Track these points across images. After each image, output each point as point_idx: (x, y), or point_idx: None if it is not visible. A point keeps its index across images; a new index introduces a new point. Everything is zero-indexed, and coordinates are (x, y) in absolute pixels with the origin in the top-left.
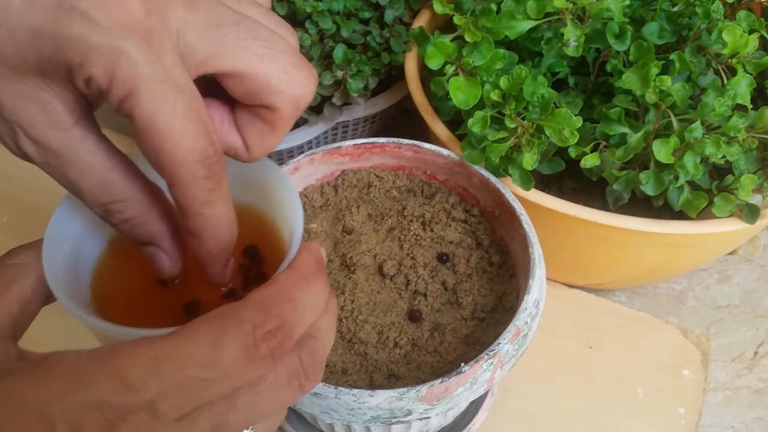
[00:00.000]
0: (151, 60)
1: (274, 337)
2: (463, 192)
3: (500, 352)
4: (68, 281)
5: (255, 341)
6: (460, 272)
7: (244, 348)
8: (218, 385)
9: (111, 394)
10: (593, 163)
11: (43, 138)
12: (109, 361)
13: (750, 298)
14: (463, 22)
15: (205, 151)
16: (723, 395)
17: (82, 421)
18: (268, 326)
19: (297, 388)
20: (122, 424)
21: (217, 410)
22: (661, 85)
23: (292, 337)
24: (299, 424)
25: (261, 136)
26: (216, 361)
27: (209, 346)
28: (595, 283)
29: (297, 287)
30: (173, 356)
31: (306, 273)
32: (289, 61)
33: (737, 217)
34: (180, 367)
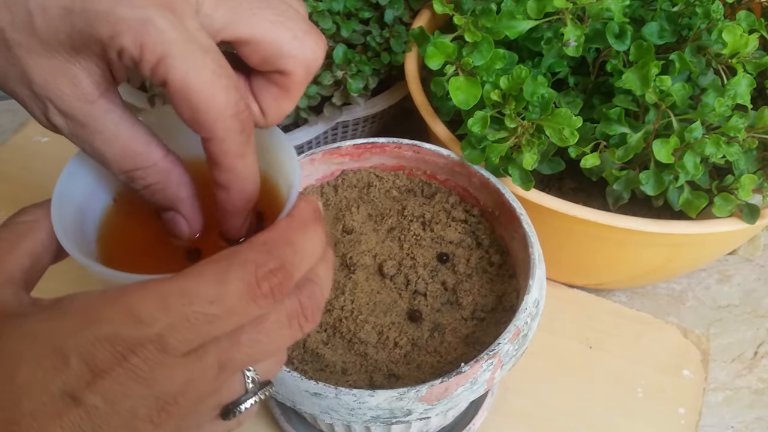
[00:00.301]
0: (176, 25)
1: (275, 276)
2: (463, 192)
3: (500, 352)
4: (76, 235)
5: (257, 279)
6: (460, 272)
7: (248, 286)
8: (223, 321)
9: (121, 328)
10: (593, 163)
11: (70, 110)
12: (119, 298)
13: (750, 298)
14: (463, 22)
15: (238, 105)
16: (723, 395)
17: (94, 353)
18: (269, 266)
19: (297, 328)
20: (132, 356)
21: (223, 347)
22: (661, 85)
23: (292, 277)
24: (299, 424)
25: (276, 102)
26: (221, 297)
27: (214, 283)
28: (595, 283)
29: (296, 232)
30: (181, 293)
31: (304, 220)
32: (299, 28)
33: (737, 217)
34: (187, 303)
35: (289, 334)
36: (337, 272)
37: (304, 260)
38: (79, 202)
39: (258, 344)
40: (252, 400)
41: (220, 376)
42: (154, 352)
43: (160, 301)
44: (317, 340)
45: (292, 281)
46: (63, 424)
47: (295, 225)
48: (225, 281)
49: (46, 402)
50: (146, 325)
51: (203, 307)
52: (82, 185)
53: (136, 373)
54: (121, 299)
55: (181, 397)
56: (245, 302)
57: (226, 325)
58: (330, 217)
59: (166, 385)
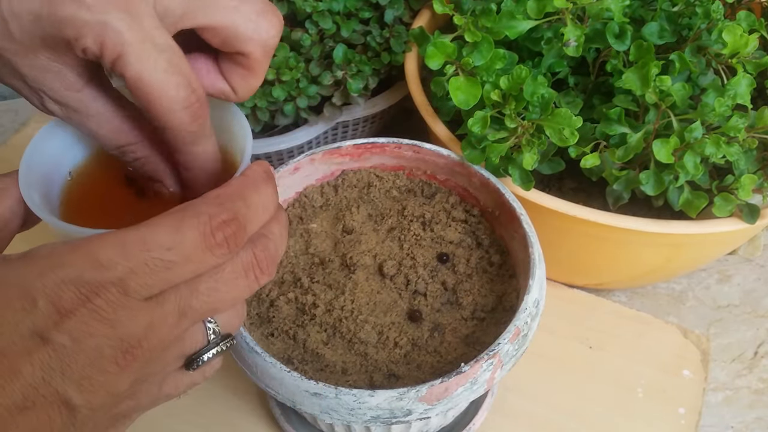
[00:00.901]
0: (132, 27)
1: (228, 227)
2: (463, 192)
3: (500, 352)
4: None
5: (211, 229)
6: (460, 272)
7: (202, 235)
8: (181, 267)
9: (84, 271)
10: (593, 163)
11: (62, 99)
12: (82, 245)
13: (750, 298)
14: (463, 22)
15: (188, 99)
16: (723, 395)
17: (60, 295)
18: (222, 217)
19: (253, 279)
20: (95, 297)
21: (182, 294)
22: (661, 85)
23: (244, 229)
24: (299, 424)
25: (243, 80)
26: (177, 244)
27: (171, 232)
28: (595, 283)
29: (248, 189)
30: (139, 241)
31: (256, 179)
32: (253, 10)
33: (737, 217)
34: (145, 249)
35: (245, 284)
36: (337, 272)
37: (257, 215)
38: (43, 173)
39: (216, 293)
40: (213, 351)
41: (181, 323)
42: (116, 294)
43: (120, 248)
44: (317, 340)
45: (244, 233)
46: (33, 361)
47: (248, 182)
48: (180, 230)
49: (17, 341)
50: (107, 269)
51: (161, 253)
52: (47, 157)
53: (100, 313)
54: (84, 246)
55: (145, 341)
56: (201, 250)
57: (184, 271)
58: (330, 217)
59: (129, 327)
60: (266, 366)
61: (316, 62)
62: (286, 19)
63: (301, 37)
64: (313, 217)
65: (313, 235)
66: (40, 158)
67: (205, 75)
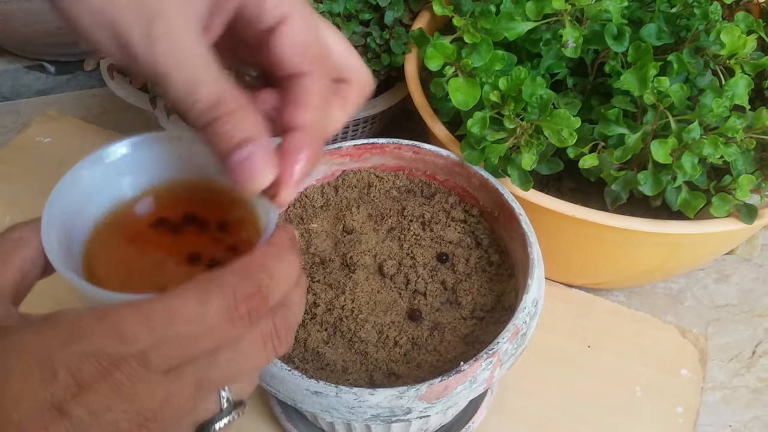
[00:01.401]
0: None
1: (252, 300)
2: (463, 192)
3: (499, 351)
4: (64, 253)
5: (235, 302)
6: (460, 272)
7: (226, 308)
8: (203, 340)
9: (107, 344)
10: (592, 163)
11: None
12: (107, 315)
13: (748, 298)
14: (462, 23)
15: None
16: (721, 394)
17: (81, 368)
18: (247, 290)
19: (271, 350)
20: (116, 371)
21: (200, 366)
22: (659, 86)
23: (267, 301)
24: (300, 422)
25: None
26: (202, 318)
27: (196, 305)
28: (593, 282)
29: (273, 259)
30: (164, 313)
31: (281, 248)
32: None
33: (735, 217)
34: (170, 323)
35: (263, 355)
36: (338, 272)
37: (279, 286)
38: (66, 222)
39: (234, 364)
40: (226, 420)
41: (197, 395)
42: (137, 368)
43: (145, 320)
44: (318, 339)
45: (267, 305)
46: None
47: (272, 252)
48: (206, 302)
49: (34, 413)
50: (130, 342)
51: (185, 327)
52: (70, 206)
53: (119, 387)
54: (109, 317)
55: (160, 413)
56: (224, 323)
57: (206, 344)
58: (330, 217)
59: (147, 400)
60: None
61: None
62: None
63: None
64: (313, 217)
65: (313, 235)
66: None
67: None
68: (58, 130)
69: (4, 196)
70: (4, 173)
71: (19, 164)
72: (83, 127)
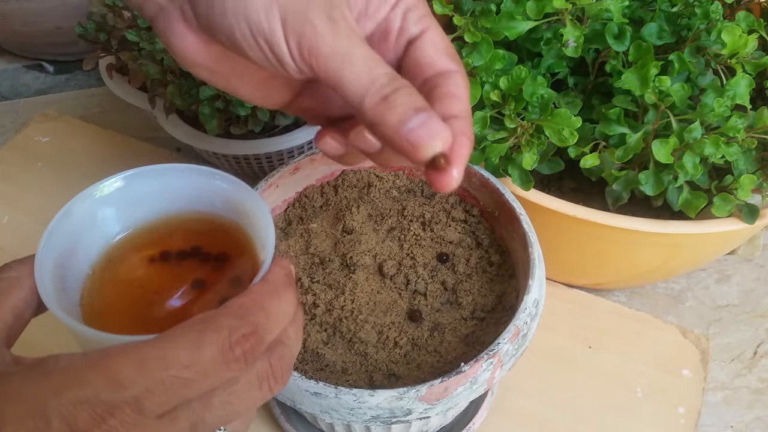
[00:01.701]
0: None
1: (248, 341)
2: (463, 192)
3: (500, 351)
4: (58, 292)
5: (230, 344)
6: (460, 272)
7: (221, 350)
8: (198, 384)
9: (101, 390)
10: (593, 163)
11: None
12: (100, 361)
13: (749, 298)
14: (462, 22)
15: None
16: (722, 395)
17: (75, 415)
18: (242, 331)
19: (266, 390)
20: (110, 418)
21: (195, 409)
22: (660, 85)
23: (263, 341)
24: (299, 423)
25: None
26: (196, 362)
27: (190, 348)
28: (594, 282)
29: (269, 297)
30: (158, 358)
31: (277, 285)
32: None
33: (736, 217)
34: (164, 367)
35: (259, 395)
36: (337, 272)
37: (276, 324)
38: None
39: (229, 405)
40: None
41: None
42: (131, 414)
43: (139, 366)
44: (317, 339)
45: (263, 345)
46: None
47: (269, 290)
48: (200, 346)
49: None
50: (125, 388)
51: (179, 371)
52: (64, 243)
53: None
54: (103, 363)
55: None
56: (219, 366)
57: (200, 388)
58: (330, 217)
59: None
60: None
61: None
62: None
63: None
64: (313, 217)
65: (313, 235)
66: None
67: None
68: (57, 130)
69: (3, 196)
70: (3, 173)
71: (18, 164)
72: (82, 126)
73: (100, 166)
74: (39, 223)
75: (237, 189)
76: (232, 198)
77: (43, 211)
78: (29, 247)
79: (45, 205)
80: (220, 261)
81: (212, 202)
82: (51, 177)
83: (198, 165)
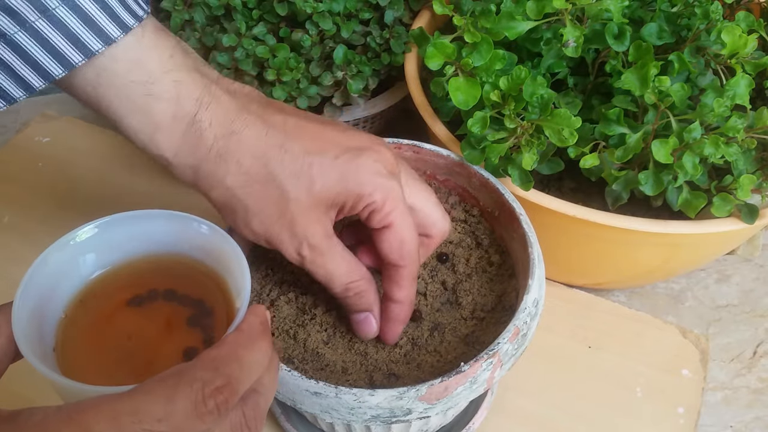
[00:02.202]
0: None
1: (221, 393)
2: (463, 192)
3: (500, 351)
4: (34, 341)
5: (204, 397)
6: (460, 272)
7: (194, 404)
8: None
9: None
10: (592, 163)
11: (318, 244)
12: (75, 416)
13: (749, 298)
14: (462, 22)
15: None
16: (722, 395)
17: None
18: (216, 383)
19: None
20: None
21: None
22: (660, 85)
23: (237, 393)
24: (299, 423)
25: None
26: (169, 415)
27: (163, 402)
28: (594, 282)
29: (243, 347)
30: (132, 412)
31: (252, 335)
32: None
33: (736, 217)
34: (137, 421)
35: None
36: None
37: (250, 374)
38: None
39: None
40: None
41: None
42: None
43: (112, 420)
44: (317, 339)
45: (237, 396)
46: None
47: (243, 340)
48: (173, 400)
49: None
50: None
51: (152, 425)
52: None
53: None
54: (77, 417)
55: None
56: (191, 419)
57: None
58: None
59: None
60: None
61: (317, 63)
62: (287, 20)
63: (301, 38)
64: None
65: None
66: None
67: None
68: (58, 130)
69: (4, 195)
70: (4, 173)
71: (19, 164)
72: (82, 126)
73: (101, 166)
74: (39, 223)
75: (214, 235)
76: (209, 243)
77: (43, 211)
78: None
79: (45, 206)
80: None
81: (189, 246)
82: (51, 177)
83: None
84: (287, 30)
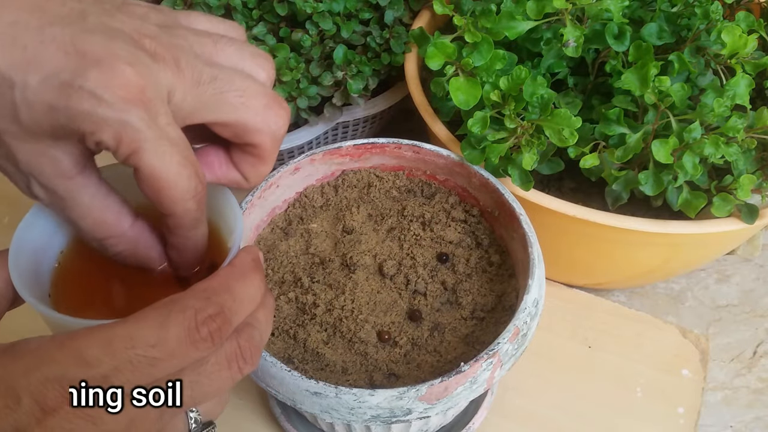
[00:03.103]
0: (149, 124)
1: (214, 321)
2: (463, 192)
3: (500, 351)
4: (31, 283)
5: (196, 324)
6: (460, 272)
7: (187, 330)
8: (165, 363)
9: (69, 369)
10: (592, 163)
11: (51, 185)
12: (68, 342)
13: (749, 298)
14: (463, 22)
15: (196, 188)
16: (722, 395)
17: (44, 393)
18: (208, 311)
19: (236, 370)
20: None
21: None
22: (660, 85)
23: (230, 322)
24: (299, 423)
25: (254, 168)
26: (162, 341)
27: (156, 328)
28: (594, 282)
29: (236, 280)
30: (124, 337)
31: (244, 269)
32: (260, 104)
33: (736, 217)
34: (131, 347)
35: (228, 375)
36: (337, 272)
37: (243, 306)
38: (34, 251)
39: (198, 386)
40: None
41: (163, 417)
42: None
43: (106, 345)
44: (317, 339)
45: (230, 326)
46: None
47: (235, 273)
48: (166, 326)
49: None
50: (92, 366)
51: (145, 350)
52: (37, 235)
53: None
54: (70, 343)
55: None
56: (185, 346)
57: (168, 367)
58: (330, 217)
59: (111, 424)
60: (267, 365)
61: (317, 63)
62: (287, 20)
63: (301, 37)
64: (313, 217)
65: (313, 235)
66: (29, 240)
67: (218, 166)
68: None
69: (3, 195)
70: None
71: None
72: None
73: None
74: None
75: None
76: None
77: None
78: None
79: None
80: None
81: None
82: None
83: None
84: (287, 30)
